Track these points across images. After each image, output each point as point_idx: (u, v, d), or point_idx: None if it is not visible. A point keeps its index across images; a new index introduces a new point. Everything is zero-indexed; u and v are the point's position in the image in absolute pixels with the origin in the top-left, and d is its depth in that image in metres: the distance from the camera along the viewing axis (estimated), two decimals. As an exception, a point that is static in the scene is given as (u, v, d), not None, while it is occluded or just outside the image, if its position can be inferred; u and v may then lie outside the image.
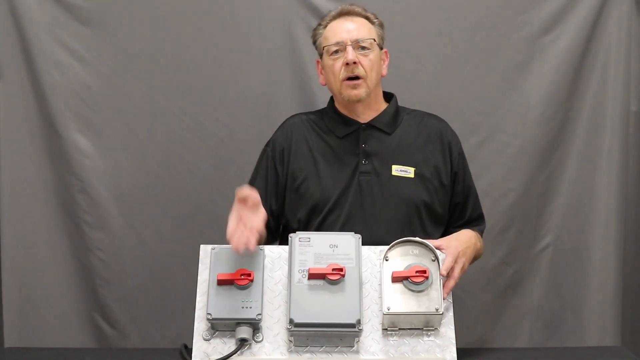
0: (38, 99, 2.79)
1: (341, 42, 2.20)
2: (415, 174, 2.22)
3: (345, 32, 2.21)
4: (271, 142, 2.30)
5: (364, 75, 2.19)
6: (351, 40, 2.19)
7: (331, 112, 2.29)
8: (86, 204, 2.82)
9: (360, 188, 2.18)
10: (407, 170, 2.22)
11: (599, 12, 2.80)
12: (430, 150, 2.26)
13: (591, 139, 2.85)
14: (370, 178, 2.19)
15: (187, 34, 2.80)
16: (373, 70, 2.21)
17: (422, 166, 2.22)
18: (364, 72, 2.19)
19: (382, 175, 2.20)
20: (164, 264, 2.85)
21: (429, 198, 2.20)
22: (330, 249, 1.91)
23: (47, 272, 2.83)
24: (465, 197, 2.30)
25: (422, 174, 2.22)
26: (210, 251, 1.93)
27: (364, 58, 2.19)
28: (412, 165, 2.22)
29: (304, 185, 2.20)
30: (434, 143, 2.27)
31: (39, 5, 2.75)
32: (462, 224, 2.30)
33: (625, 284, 2.87)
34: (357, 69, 2.18)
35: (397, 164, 2.22)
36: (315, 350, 1.85)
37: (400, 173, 2.21)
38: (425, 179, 2.22)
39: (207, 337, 1.86)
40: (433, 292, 1.86)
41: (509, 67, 2.83)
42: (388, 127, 2.26)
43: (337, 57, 2.20)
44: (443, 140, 2.28)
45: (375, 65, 2.22)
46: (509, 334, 2.90)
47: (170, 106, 2.82)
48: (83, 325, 2.86)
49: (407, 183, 2.20)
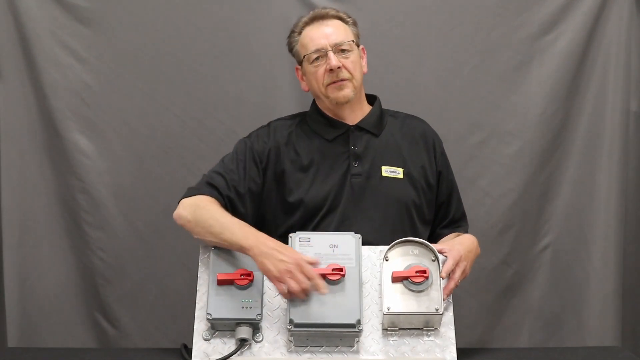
0: (38, 99, 2.79)
1: (321, 48, 2.19)
2: (404, 174, 2.23)
3: (323, 37, 2.20)
4: (253, 137, 2.26)
5: (350, 77, 2.20)
6: (331, 45, 2.18)
7: (316, 115, 2.29)
8: (87, 203, 2.82)
9: (352, 190, 2.18)
10: (396, 171, 2.22)
11: (599, 12, 2.80)
12: (416, 150, 2.27)
13: (591, 139, 2.84)
14: (361, 180, 2.20)
15: (187, 34, 2.80)
16: (356, 70, 2.21)
17: (409, 167, 2.24)
18: (348, 74, 2.19)
19: (373, 176, 2.20)
20: (165, 263, 2.85)
21: (418, 198, 2.22)
22: (330, 249, 1.91)
23: (48, 272, 2.83)
24: (449, 196, 2.32)
25: (411, 175, 2.23)
26: (210, 251, 1.93)
27: (346, 61, 2.19)
28: (400, 165, 2.23)
29: (295, 189, 2.19)
30: (419, 144, 2.28)
31: (39, 5, 2.75)
32: (446, 224, 2.32)
33: (625, 284, 2.87)
34: (342, 72, 2.18)
35: (386, 165, 2.22)
36: (315, 350, 1.85)
37: (390, 174, 2.22)
38: (414, 179, 2.23)
39: (207, 337, 1.87)
40: (433, 292, 1.86)
41: (509, 67, 2.83)
42: (375, 129, 2.26)
43: (319, 64, 2.19)
44: (427, 140, 2.29)
45: (358, 65, 2.22)
46: (509, 334, 2.90)
47: (170, 106, 2.82)
48: (84, 325, 2.86)
49: (397, 184, 2.21)
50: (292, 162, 2.21)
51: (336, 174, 2.20)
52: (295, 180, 2.19)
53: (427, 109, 2.83)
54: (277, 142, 2.23)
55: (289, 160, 2.22)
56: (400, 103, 2.82)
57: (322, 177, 2.20)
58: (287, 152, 2.22)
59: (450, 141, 2.85)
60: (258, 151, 2.21)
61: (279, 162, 2.21)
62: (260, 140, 2.24)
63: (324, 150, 2.23)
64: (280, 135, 2.25)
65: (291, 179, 2.20)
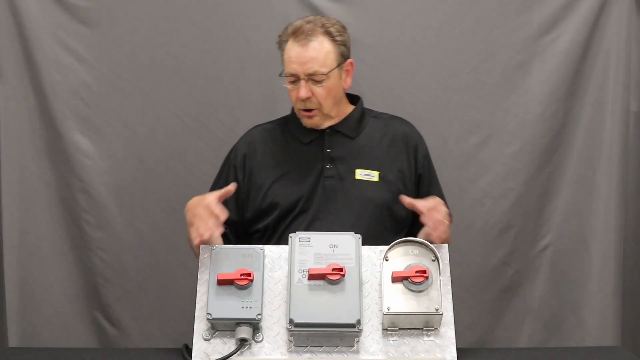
0: (38, 99, 2.79)
1: (295, 74, 2.16)
2: (380, 177, 2.22)
3: (299, 64, 2.15)
4: (233, 150, 2.31)
5: (318, 107, 2.19)
6: (304, 74, 2.15)
7: (295, 118, 2.29)
8: (87, 203, 2.82)
9: (325, 192, 2.19)
10: (371, 174, 2.22)
11: (599, 12, 2.80)
12: (395, 153, 2.26)
13: (591, 139, 2.85)
14: (334, 182, 2.20)
15: (187, 34, 2.81)
16: (328, 98, 2.19)
17: (386, 170, 2.23)
18: (317, 104, 2.18)
19: (346, 179, 2.20)
20: (165, 263, 2.86)
21: (392, 202, 2.19)
22: (330, 249, 1.91)
23: (49, 272, 2.84)
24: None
25: (387, 178, 2.22)
26: (210, 251, 1.93)
27: (318, 89, 2.16)
28: (376, 169, 2.22)
29: (270, 191, 2.21)
30: (399, 146, 2.27)
31: (40, 5, 2.75)
32: None
33: (625, 284, 2.87)
34: (310, 102, 2.17)
35: (361, 168, 2.22)
36: (315, 350, 1.85)
37: (364, 177, 2.21)
38: (390, 183, 2.22)
39: (207, 337, 1.87)
40: (433, 292, 1.86)
41: (509, 67, 2.83)
42: (352, 132, 2.26)
43: (293, 87, 2.18)
44: (408, 143, 2.27)
45: (332, 91, 2.19)
46: (509, 334, 2.91)
47: (170, 106, 2.83)
48: (85, 324, 2.87)
49: (371, 187, 2.20)
50: (268, 166, 2.24)
51: (310, 176, 2.21)
52: (271, 184, 2.22)
53: (427, 109, 2.84)
54: (254, 149, 2.26)
55: (266, 165, 2.24)
56: (401, 103, 2.83)
57: (296, 179, 2.21)
58: (262, 158, 2.25)
59: (450, 141, 2.86)
60: (238, 163, 2.26)
61: (256, 168, 2.24)
62: (239, 152, 2.28)
63: (300, 153, 2.24)
64: (257, 141, 2.28)
65: (266, 181, 2.22)
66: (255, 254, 1.92)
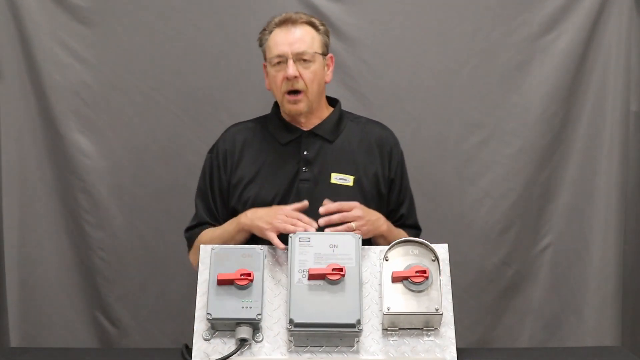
0: (38, 99, 2.79)
1: (282, 55, 2.18)
2: (355, 182, 2.22)
3: (287, 44, 2.18)
4: (214, 148, 2.31)
5: (305, 89, 2.19)
6: (293, 54, 2.17)
7: (275, 118, 2.30)
8: (87, 203, 2.83)
9: (298, 195, 2.19)
10: (346, 178, 2.22)
11: (599, 12, 2.80)
12: (370, 158, 2.26)
13: (591, 139, 2.85)
14: (309, 185, 2.20)
15: (187, 34, 2.81)
16: (314, 82, 2.20)
17: (361, 174, 2.23)
18: (304, 85, 2.19)
19: (321, 183, 2.21)
20: (165, 263, 2.86)
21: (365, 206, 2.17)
22: (330, 249, 1.91)
23: (49, 272, 2.84)
24: (399, 205, 2.30)
25: (361, 183, 2.22)
26: (210, 251, 1.93)
27: (305, 71, 2.18)
28: (351, 173, 2.23)
29: (245, 191, 2.22)
30: (374, 151, 2.27)
31: (40, 5, 2.75)
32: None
33: (625, 284, 2.87)
34: (298, 83, 2.18)
35: (336, 172, 2.22)
36: (315, 350, 1.85)
37: (339, 181, 2.22)
38: (364, 188, 2.22)
39: (207, 337, 1.87)
40: (433, 292, 1.86)
41: (509, 67, 2.83)
42: (330, 135, 2.26)
43: (279, 69, 2.19)
44: (383, 148, 2.27)
45: (318, 76, 2.21)
46: (509, 334, 2.91)
47: (170, 106, 2.83)
48: (85, 324, 2.88)
49: (345, 191, 2.20)
50: (244, 166, 2.25)
51: (285, 178, 2.22)
52: (246, 182, 2.23)
53: (427, 109, 2.84)
54: (233, 147, 2.27)
55: (242, 165, 2.25)
56: (401, 103, 2.83)
57: (271, 180, 2.22)
58: (240, 157, 2.26)
59: (450, 141, 2.85)
60: (220, 162, 2.27)
61: (233, 167, 2.25)
62: (220, 150, 2.29)
63: (277, 154, 2.25)
64: (237, 139, 2.28)
65: (243, 179, 2.23)
66: (255, 254, 1.92)
